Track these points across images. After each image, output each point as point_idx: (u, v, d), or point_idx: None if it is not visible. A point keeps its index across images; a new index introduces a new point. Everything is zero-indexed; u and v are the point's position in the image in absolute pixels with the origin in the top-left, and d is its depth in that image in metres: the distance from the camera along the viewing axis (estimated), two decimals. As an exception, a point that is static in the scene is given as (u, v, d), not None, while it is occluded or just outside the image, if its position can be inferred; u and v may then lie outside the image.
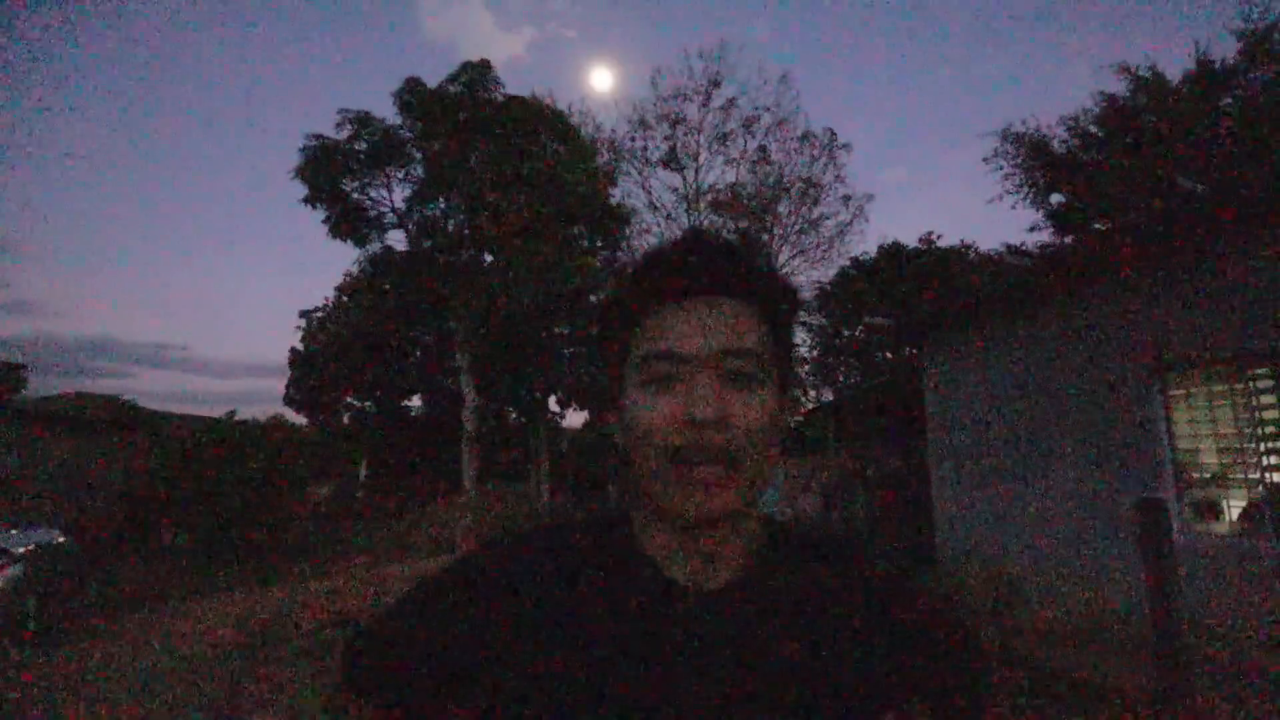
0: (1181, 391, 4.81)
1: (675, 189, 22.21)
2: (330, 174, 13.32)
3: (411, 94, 13.63)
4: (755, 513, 0.58)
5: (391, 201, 14.48)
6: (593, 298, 16.49)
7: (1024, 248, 15.82)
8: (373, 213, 14.38)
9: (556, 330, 18.60)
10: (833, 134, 21.63)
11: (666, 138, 21.95)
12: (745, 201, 20.96)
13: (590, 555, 0.56)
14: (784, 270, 22.35)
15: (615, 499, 14.63)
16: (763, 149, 21.79)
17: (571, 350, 18.93)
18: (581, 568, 0.55)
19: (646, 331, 0.53)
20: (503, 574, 0.55)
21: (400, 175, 14.25)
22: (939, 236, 18.61)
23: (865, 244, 44.25)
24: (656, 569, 0.54)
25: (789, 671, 0.49)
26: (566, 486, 20.70)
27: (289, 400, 21.50)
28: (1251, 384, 4.41)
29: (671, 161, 22.01)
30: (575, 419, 24.86)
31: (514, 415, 21.82)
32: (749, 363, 0.52)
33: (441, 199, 14.38)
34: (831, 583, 0.56)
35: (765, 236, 21.71)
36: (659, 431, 0.50)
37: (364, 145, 13.51)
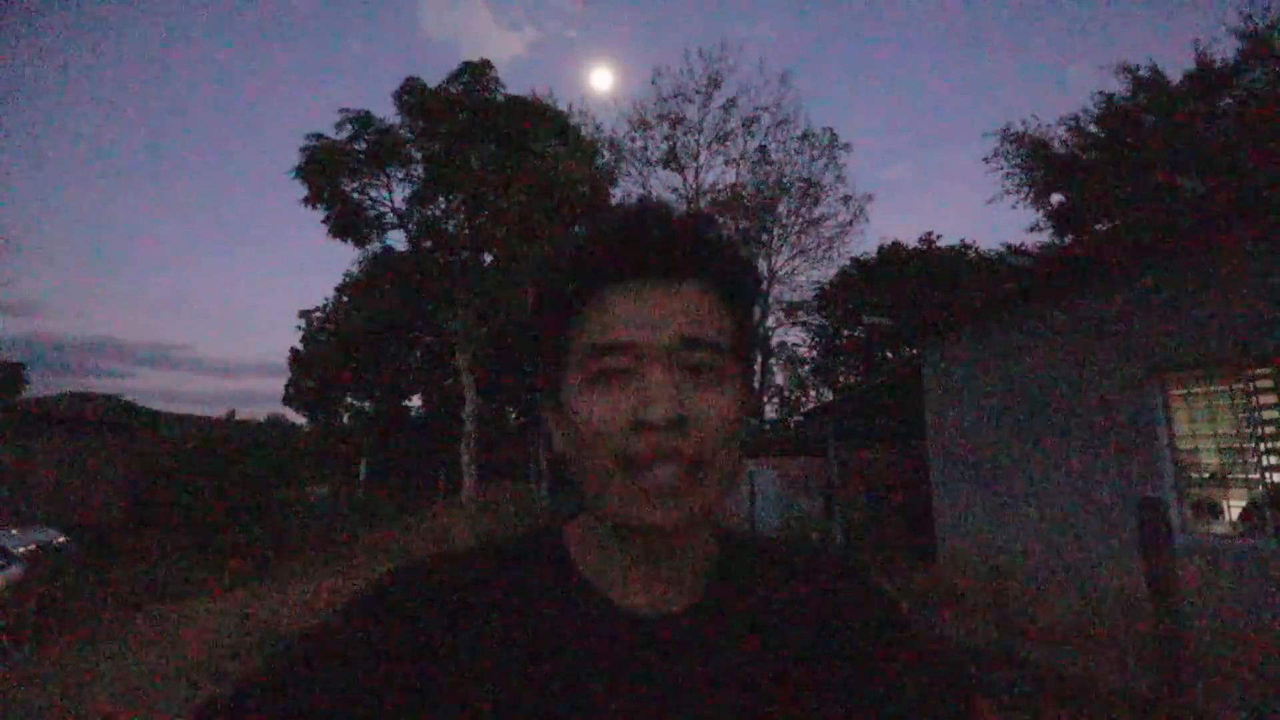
0: (1181, 391, 4.81)
1: (675, 189, 22.24)
2: (330, 174, 13.32)
3: (411, 94, 13.63)
4: (713, 524, 0.52)
5: (391, 201, 14.49)
6: None
7: (1024, 248, 15.85)
8: (373, 213, 14.38)
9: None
10: (833, 134, 21.69)
11: (666, 138, 22.00)
12: (745, 201, 20.99)
13: (515, 584, 0.48)
14: (784, 270, 22.39)
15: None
16: (763, 149, 21.85)
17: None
18: (505, 601, 0.47)
19: (591, 318, 0.46)
20: (412, 615, 0.46)
21: (400, 175, 14.26)
22: (939, 236, 18.67)
23: (865, 244, 44.31)
24: (597, 594, 0.48)
25: (761, 705, 0.44)
26: (566, 486, 20.70)
27: (289, 400, 21.53)
28: (1251, 384, 4.41)
29: (671, 161, 22.04)
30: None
31: (514, 415, 21.83)
32: (711, 354, 0.45)
33: (441, 199, 14.39)
34: (802, 601, 0.51)
35: (765, 236, 21.74)
36: (607, 436, 0.43)
37: (364, 145, 13.52)
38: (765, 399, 21.78)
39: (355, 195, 14.02)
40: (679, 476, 0.42)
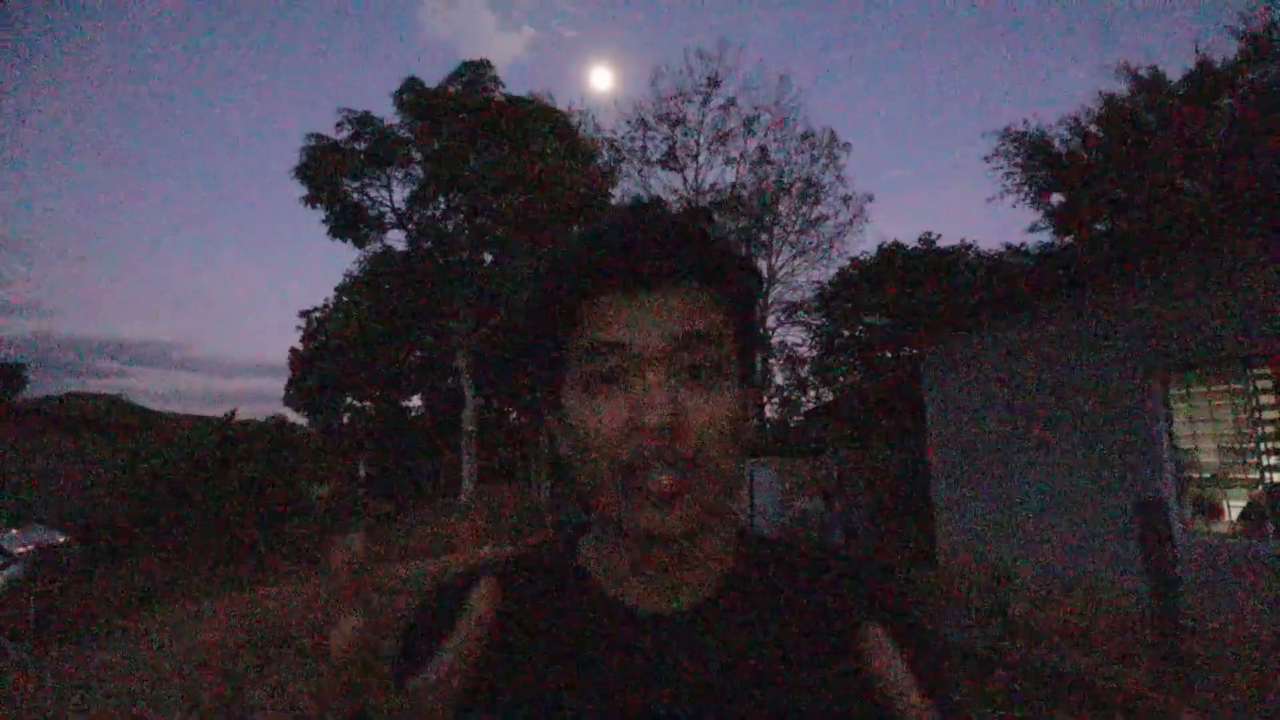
0: (1181, 391, 4.81)
1: (675, 189, 22.23)
2: (330, 174, 13.33)
3: (411, 94, 13.65)
4: (725, 524, 0.52)
5: (391, 201, 14.50)
6: None
7: (1024, 248, 15.87)
8: (373, 213, 14.40)
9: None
10: (833, 134, 21.72)
11: (666, 138, 21.99)
12: (745, 201, 21.01)
13: (533, 590, 0.50)
14: (784, 270, 22.39)
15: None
16: (763, 149, 21.87)
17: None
18: (524, 607, 0.48)
19: (586, 324, 0.46)
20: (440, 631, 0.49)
21: (400, 175, 14.28)
22: (939, 236, 18.62)
23: (865, 244, 44.29)
24: (607, 594, 0.49)
25: (762, 705, 0.44)
26: (566, 486, 20.72)
27: (289, 400, 21.52)
28: (1251, 384, 4.41)
29: (671, 161, 22.04)
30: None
31: (514, 415, 21.82)
32: (707, 354, 0.45)
33: (441, 199, 14.40)
34: (816, 600, 0.50)
35: (765, 236, 21.75)
36: (605, 441, 0.43)
37: (364, 145, 13.53)
38: (765, 400, 21.79)
39: (355, 195, 14.05)
40: (676, 481, 0.42)
